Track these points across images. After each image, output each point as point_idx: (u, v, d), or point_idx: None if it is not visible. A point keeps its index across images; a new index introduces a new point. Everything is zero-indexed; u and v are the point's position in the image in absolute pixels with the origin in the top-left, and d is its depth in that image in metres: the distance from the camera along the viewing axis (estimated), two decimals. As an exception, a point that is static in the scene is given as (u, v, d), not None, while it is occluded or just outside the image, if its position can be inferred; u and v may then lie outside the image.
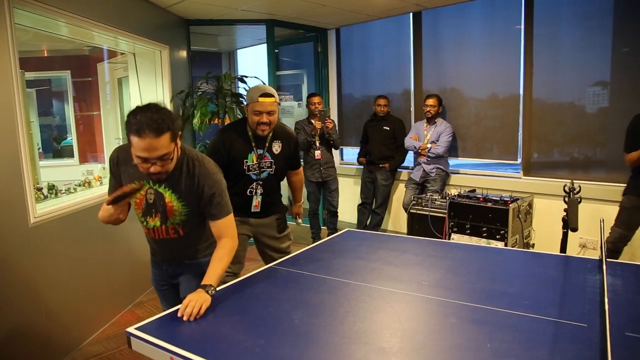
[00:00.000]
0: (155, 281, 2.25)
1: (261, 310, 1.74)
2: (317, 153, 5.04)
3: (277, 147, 2.76)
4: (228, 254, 1.95)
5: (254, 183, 2.73)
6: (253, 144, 2.69)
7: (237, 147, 2.67)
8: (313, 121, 5.05)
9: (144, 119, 1.70)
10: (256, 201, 2.76)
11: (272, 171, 2.77)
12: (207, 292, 1.77)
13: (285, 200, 3.16)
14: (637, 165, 3.39)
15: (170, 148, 1.78)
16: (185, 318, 1.66)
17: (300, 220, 3.06)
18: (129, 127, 1.72)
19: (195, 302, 1.70)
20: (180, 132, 1.86)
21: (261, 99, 2.57)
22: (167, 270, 2.16)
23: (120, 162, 1.99)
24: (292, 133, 2.91)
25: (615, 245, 3.48)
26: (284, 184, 3.00)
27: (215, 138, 2.78)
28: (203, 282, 1.81)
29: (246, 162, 2.68)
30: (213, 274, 1.86)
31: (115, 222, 1.96)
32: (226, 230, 1.98)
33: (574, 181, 2.78)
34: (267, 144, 2.73)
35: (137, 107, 1.76)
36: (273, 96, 2.62)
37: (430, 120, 4.96)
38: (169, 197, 1.94)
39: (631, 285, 1.92)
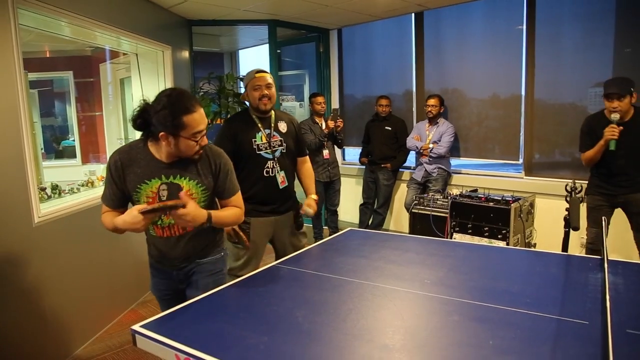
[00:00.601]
0: (158, 290, 2.18)
1: (265, 308, 1.75)
2: (326, 152, 5.04)
3: (283, 127, 2.83)
4: (236, 215, 2.08)
5: (269, 162, 2.75)
6: (259, 125, 2.76)
7: (243, 131, 2.73)
8: (318, 120, 5.07)
9: (186, 97, 1.83)
10: (280, 177, 2.79)
11: (284, 149, 2.80)
12: (205, 220, 1.89)
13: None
14: (593, 164, 3.47)
15: None
16: (178, 221, 1.85)
17: (311, 211, 2.90)
18: (178, 111, 1.78)
19: (190, 219, 1.81)
20: None
21: (258, 75, 2.73)
22: (178, 275, 2.10)
23: (125, 164, 1.92)
24: (292, 116, 3.03)
25: (594, 245, 3.48)
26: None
27: (220, 129, 2.86)
28: (210, 212, 1.92)
29: (255, 141, 2.72)
30: (220, 215, 1.99)
31: (135, 230, 1.84)
32: (237, 203, 2.09)
33: (576, 181, 2.79)
34: (272, 124, 2.80)
35: (165, 95, 1.82)
36: (268, 72, 2.78)
37: (432, 121, 4.98)
38: (187, 185, 1.94)
39: (632, 283, 1.93)
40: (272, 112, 2.81)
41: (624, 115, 3.28)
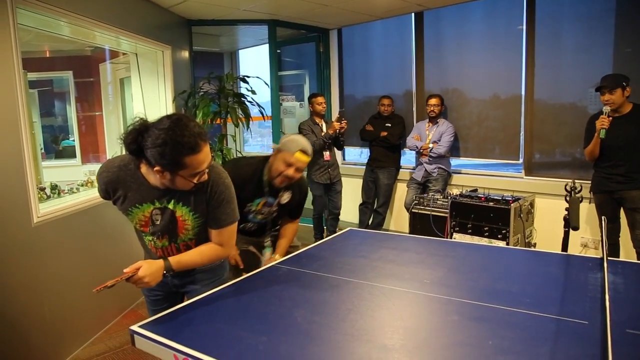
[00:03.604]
0: (149, 290, 2.09)
1: (264, 308, 1.75)
2: (327, 154, 4.99)
3: (286, 197, 2.55)
4: (211, 257, 1.91)
5: (249, 224, 2.55)
6: (266, 190, 2.46)
7: (247, 189, 2.42)
8: (318, 121, 5.04)
9: (193, 134, 1.57)
10: (267, 254, 2.62)
11: (272, 218, 2.60)
12: (164, 272, 1.75)
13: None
14: (593, 158, 3.65)
15: None
16: (137, 284, 1.71)
17: (265, 264, 2.54)
18: (182, 151, 1.56)
19: (146, 277, 1.69)
20: None
21: (298, 155, 2.39)
22: (172, 280, 2.02)
23: (113, 187, 1.80)
24: (304, 184, 2.68)
25: (608, 239, 3.60)
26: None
27: (231, 171, 2.20)
28: (170, 258, 1.78)
29: (249, 205, 2.47)
30: (182, 259, 1.82)
31: None
32: (224, 238, 1.89)
33: (575, 181, 2.79)
34: (279, 194, 2.53)
35: (166, 129, 1.55)
36: (310, 156, 2.46)
37: (433, 120, 4.97)
38: (180, 211, 1.82)
39: (632, 283, 1.93)
40: None
41: (619, 108, 3.48)
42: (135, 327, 1.59)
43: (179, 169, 1.62)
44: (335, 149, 5.20)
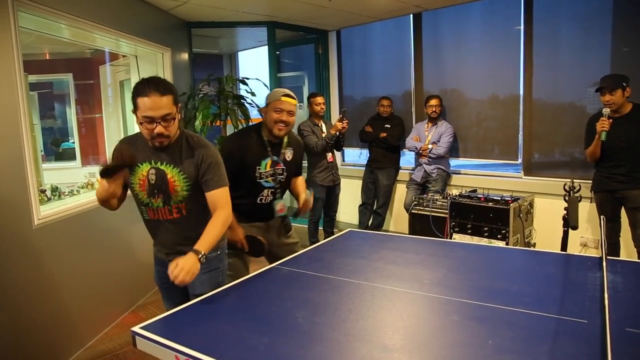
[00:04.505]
0: (159, 279, 2.22)
1: (265, 309, 1.76)
2: (330, 155, 4.90)
3: (289, 155, 2.74)
4: (222, 224, 2.05)
5: (266, 190, 2.65)
6: (269, 149, 2.64)
7: (251, 153, 2.59)
8: (317, 122, 4.96)
9: (150, 83, 1.90)
10: (279, 205, 2.74)
11: (283, 178, 2.72)
12: (198, 259, 1.87)
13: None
14: (595, 159, 3.65)
15: (173, 110, 1.94)
16: (176, 282, 1.81)
17: (310, 205, 2.80)
18: (136, 93, 1.90)
19: (183, 270, 1.81)
20: (179, 104, 2.03)
21: (284, 98, 2.60)
22: (171, 265, 2.13)
23: (131, 147, 2.07)
24: (300, 140, 2.92)
25: (609, 238, 3.63)
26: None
27: (228, 143, 2.69)
28: (195, 247, 1.91)
29: (259, 169, 2.61)
30: (205, 241, 1.96)
31: (111, 199, 2.03)
32: (221, 201, 2.07)
33: (574, 180, 2.80)
34: (281, 151, 2.69)
35: (142, 79, 1.95)
36: (295, 99, 2.67)
37: (433, 121, 4.99)
38: (170, 172, 2.03)
39: (631, 282, 1.94)
40: (285, 137, 2.70)
41: (619, 109, 3.48)
42: (136, 329, 1.60)
43: (135, 109, 1.92)
44: (336, 150, 5.17)
